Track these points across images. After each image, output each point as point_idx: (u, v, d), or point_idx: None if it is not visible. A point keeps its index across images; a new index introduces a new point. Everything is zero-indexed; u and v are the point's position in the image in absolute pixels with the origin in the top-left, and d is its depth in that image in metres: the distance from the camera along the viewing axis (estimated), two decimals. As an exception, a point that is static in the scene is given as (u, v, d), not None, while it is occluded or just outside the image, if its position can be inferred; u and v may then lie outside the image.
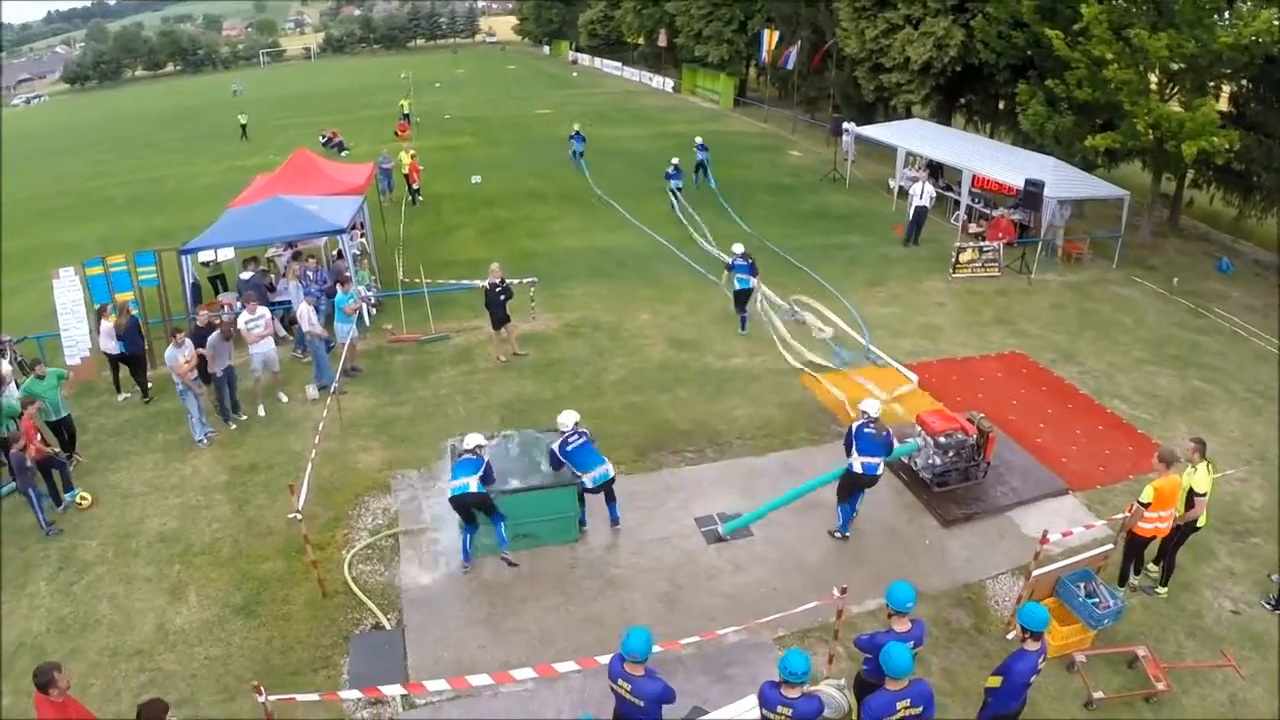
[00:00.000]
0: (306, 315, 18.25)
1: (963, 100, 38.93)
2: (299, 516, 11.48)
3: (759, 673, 9.61)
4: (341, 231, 20.88)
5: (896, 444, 12.97)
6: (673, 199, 31.82)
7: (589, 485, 12.35)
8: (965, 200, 28.25)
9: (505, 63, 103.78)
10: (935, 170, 31.00)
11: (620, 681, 7.92)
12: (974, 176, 27.53)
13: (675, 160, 32.79)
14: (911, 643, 8.10)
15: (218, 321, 17.23)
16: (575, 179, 37.25)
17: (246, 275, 21.27)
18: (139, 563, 12.80)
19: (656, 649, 8.50)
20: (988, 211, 27.90)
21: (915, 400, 16.88)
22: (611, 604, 11.68)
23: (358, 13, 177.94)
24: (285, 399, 17.95)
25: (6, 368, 16.81)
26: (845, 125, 37.04)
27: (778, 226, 29.23)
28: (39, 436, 14.21)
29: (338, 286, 19.23)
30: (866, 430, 12.10)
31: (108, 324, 18.33)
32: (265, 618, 11.50)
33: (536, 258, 26.58)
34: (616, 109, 59.19)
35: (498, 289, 18.74)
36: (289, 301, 20.53)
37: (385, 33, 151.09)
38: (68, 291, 19.94)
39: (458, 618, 11.42)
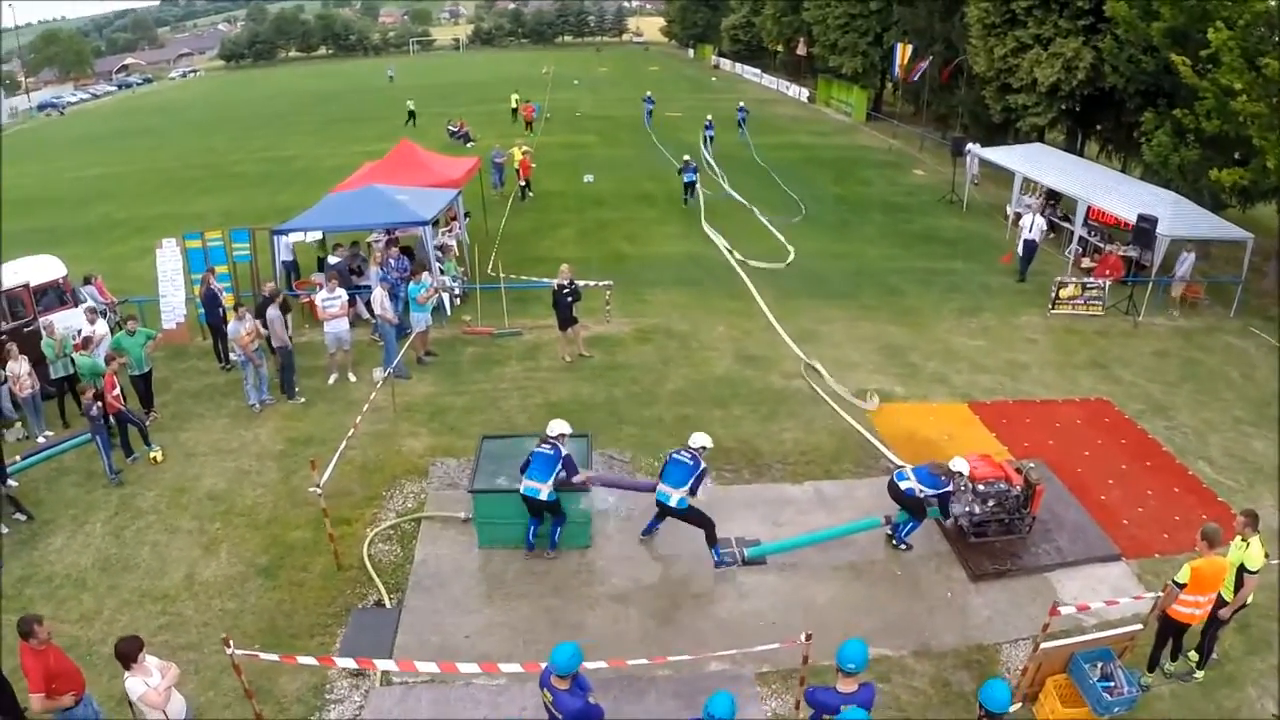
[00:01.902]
0: (379, 300, 18.74)
1: (1098, 127, 36.97)
2: (319, 491, 11.92)
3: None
4: (425, 224, 21.12)
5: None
6: (686, 194, 34.16)
7: (521, 491, 12.01)
8: (1079, 232, 26.74)
9: (648, 63, 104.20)
10: (1054, 199, 29.57)
11: (545, 691, 8.04)
12: (1089, 208, 26.05)
13: (687, 157, 35.24)
14: (855, 705, 7.60)
15: (274, 294, 18.27)
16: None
17: (335, 259, 22.08)
18: (185, 516, 13.78)
19: (639, 661, 9.09)
20: (1102, 246, 26.41)
21: (970, 436, 16.06)
22: (605, 615, 11.55)
23: (512, 6, 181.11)
24: (354, 378, 18.65)
25: (102, 328, 17.83)
26: (969, 146, 35.70)
27: (880, 246, 28.41)
28: (117, 391, 15.35)
29: (413, 276, 19.61)
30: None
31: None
32: (282, 581, 12.17)
33: (628, 260, 26.51)
34: (748, 117, 58.30)
35: (565, 290, 18.66)
36: (370, 286, 20.93)
37: (534, 27, 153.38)
38: (169, 261, 21.56)
39: (455, 605, 11.67)
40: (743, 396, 17.66)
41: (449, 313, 22.29)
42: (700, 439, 12.39)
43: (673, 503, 11.95)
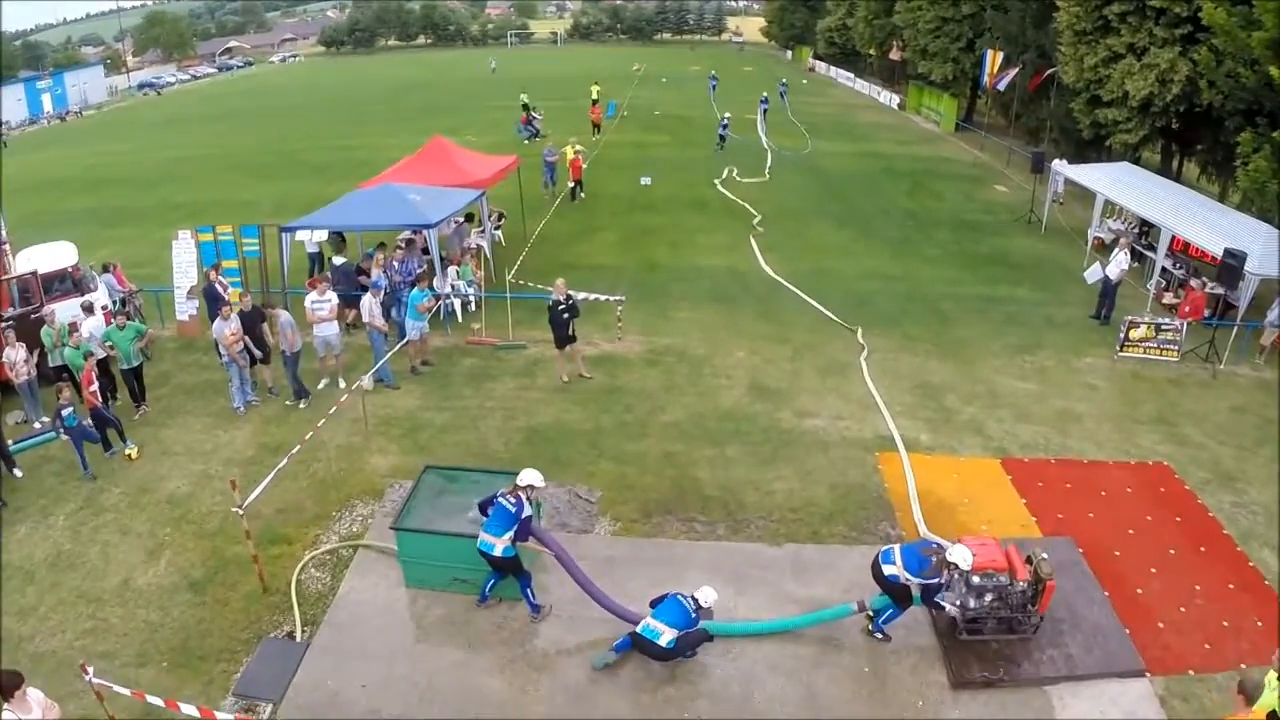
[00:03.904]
0: (368, 306, 17.98)
1: (1199, 147, 33.97)
2: (240, 513, 11.45)
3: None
4: (430, 226, 19.96)
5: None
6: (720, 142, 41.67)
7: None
8: (1161, 262, 24.12)
9: (742, 64, 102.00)
10: (1146, 228, 26.96)
11: None
12: (1172, 237, 23.46)
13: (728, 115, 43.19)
14: None
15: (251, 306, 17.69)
16: (749, 191, 35.03)
17: (340, 260, 21.19)
18: (141, 518, 13.74)
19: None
20: (1187, 280, 23.82)
21: (995, 500, 14.01)
22: (513, 679, 10.52)
23: (618, 1, 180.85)
24: (343, 384, 17.90)
25: (94, 323, 17.52)
26: (1054, 163, 33.11)
27: (939, 267, 26.22)
28: (94, 387, 15.50)
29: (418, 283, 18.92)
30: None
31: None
32: (208, 598, 11.90)
33: (662, 271, 25.07)
34: (830, 121, 56.38)
35: (561, 307, 17.27)
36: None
37: (632, 24, 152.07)
38: (184, 253, 21.52)
39: (363, 649, 10.95)
40: (743, 435, 15.94)
41: (460, 319, 21.09)
42: (529, 477, 10.92)
43: (497, 553, 10.67)
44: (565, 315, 17.25)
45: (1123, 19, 30.92)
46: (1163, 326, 20.25)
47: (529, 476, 10.96)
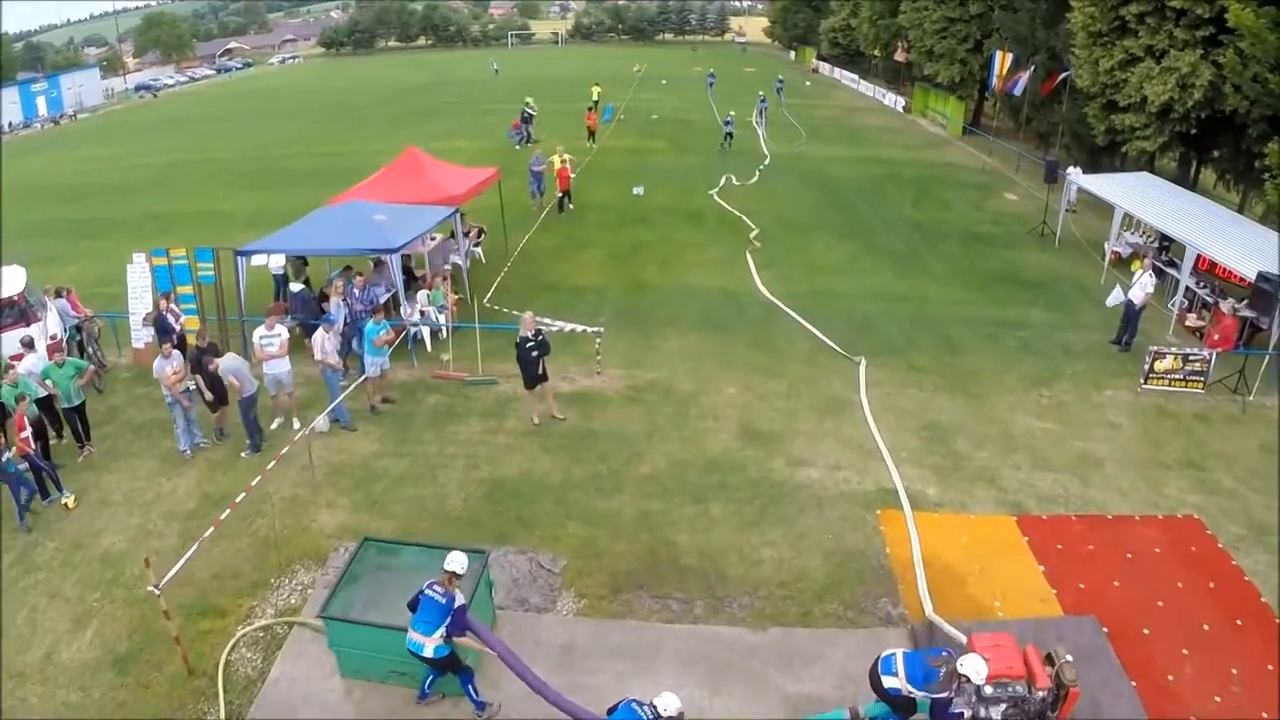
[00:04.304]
0: (319, 343, 16.53)
1: (1216, 154, 32.34)
2: (157, 592, 10.35)
3: None
4: (391, 252, 18.44)
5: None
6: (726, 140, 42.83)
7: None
8: (1185, 282, 22.56)
9: (744, 64, 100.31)
10: (1166, 243, 25.39)
11: None
12: (1198, 256, 21.89)
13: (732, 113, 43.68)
14: None
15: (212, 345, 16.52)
16: (747, 201, 33.43)
17: (297, 287, 19.79)
18: (72, 579, 12.68)
19: None
20: (1211, 300, 22.28)
21: (1010, 569, 12.48)
22: None
23: (621, 1, 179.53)
24: (298, 425, 16.55)
25: (30, 361, 16.32)
26: (1068, 170, 31.58)
27: (948, 286, 24.70)
28: (27, 433, 14.23)
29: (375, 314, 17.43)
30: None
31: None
32: (131, 679, 10.86)
33: (650, 292, 23.58)
34: (833, 125, 54.91)
35: (529, 344, 15.77)
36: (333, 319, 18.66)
37: (634, 24, 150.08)
38: (138, 277, 20.24)
39: None
40: (730, 489, 14.44)
41: (429, 348, 19.63)
42: (454, 562, 9.52)
43: (428, 653, 9.38)
44: (534, 353, 15.81)
45: (1141, 20, 29.31)
46: (1190, 357, 18.69)
47: (456, 562, 9.54)
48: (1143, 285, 20.61)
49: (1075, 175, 29.65)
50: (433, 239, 23.60)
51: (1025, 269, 26.78)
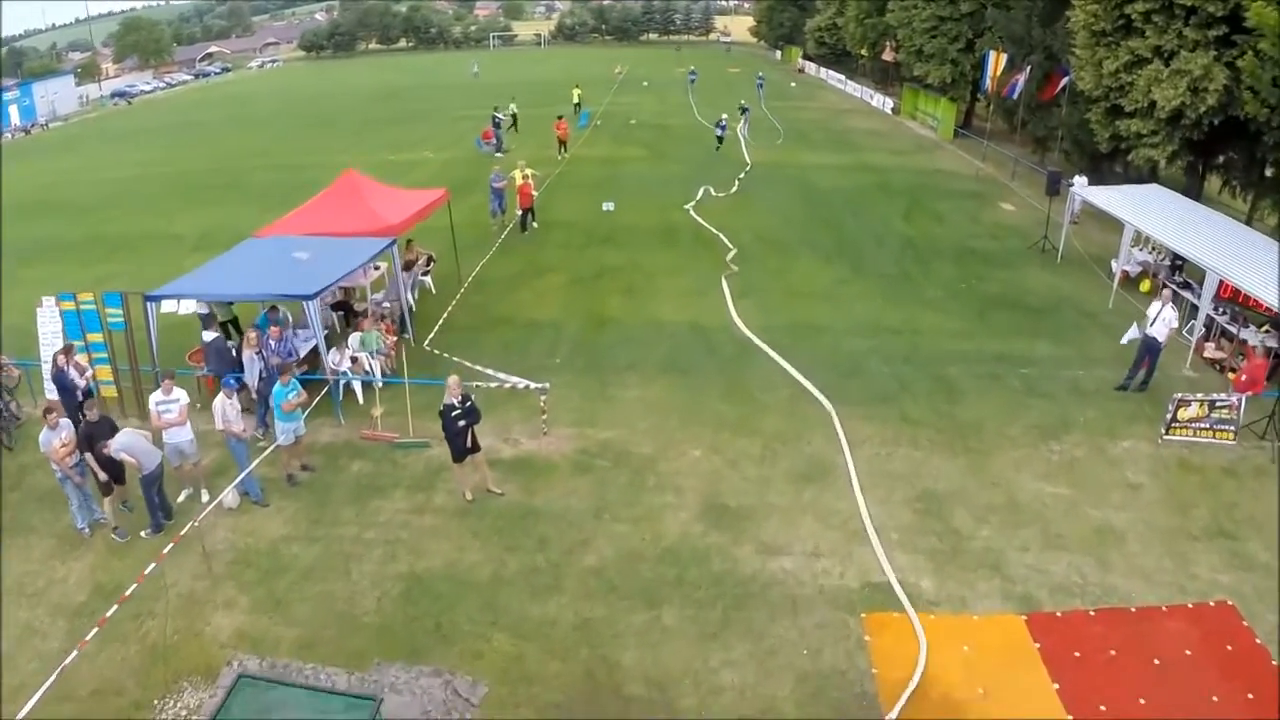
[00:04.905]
0: (219, 410, 14.24)
1: (1220, 159, 30.12)
2: None
3: None
4: (307, 298, 16.10)
5: None
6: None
7: None
8: (1205, 309, 20.31)
9: (728, 64, 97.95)
10: (1178, 262, 23.25)
11: None
12: (1220, 282, 19.70)
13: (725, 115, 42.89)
14: None
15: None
16: (726, 216, 31.11)
17: (210, 335, 17.45)
18: None
19: None
20: (1234, 329, 20.12)
21: (1019, 688, 10.36)
22: None
23: (605, 2, 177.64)
24: (207, 497, 14.46)
25: None
26: (1072, 181, 29.47)
27: (945, 314, 22.46)
28: None
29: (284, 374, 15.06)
30: None
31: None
32: None
33: (612, 328, 21.36)
34: (819, 128, 52.61)
35: (456, 413, 13.52)
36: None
37: (617, 24, 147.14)
38: (48, 323, 18.07)
39: None
40: (688, 587, 12.17)
41: (360, 400, 17.34)
42: None
43: None
44: (461, 422, 13.57)
45: (1147, 18, 27.10)
46: (1218, 404, 16.48)
47: None
48: (1166, 320, 18.30)
49: (1080, 188, 27.45)
50: (376, 268, 21.37)
51: (1027, 291, 24.56)
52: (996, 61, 39.49)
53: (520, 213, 28.98)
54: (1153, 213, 23.72)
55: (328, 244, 18.57)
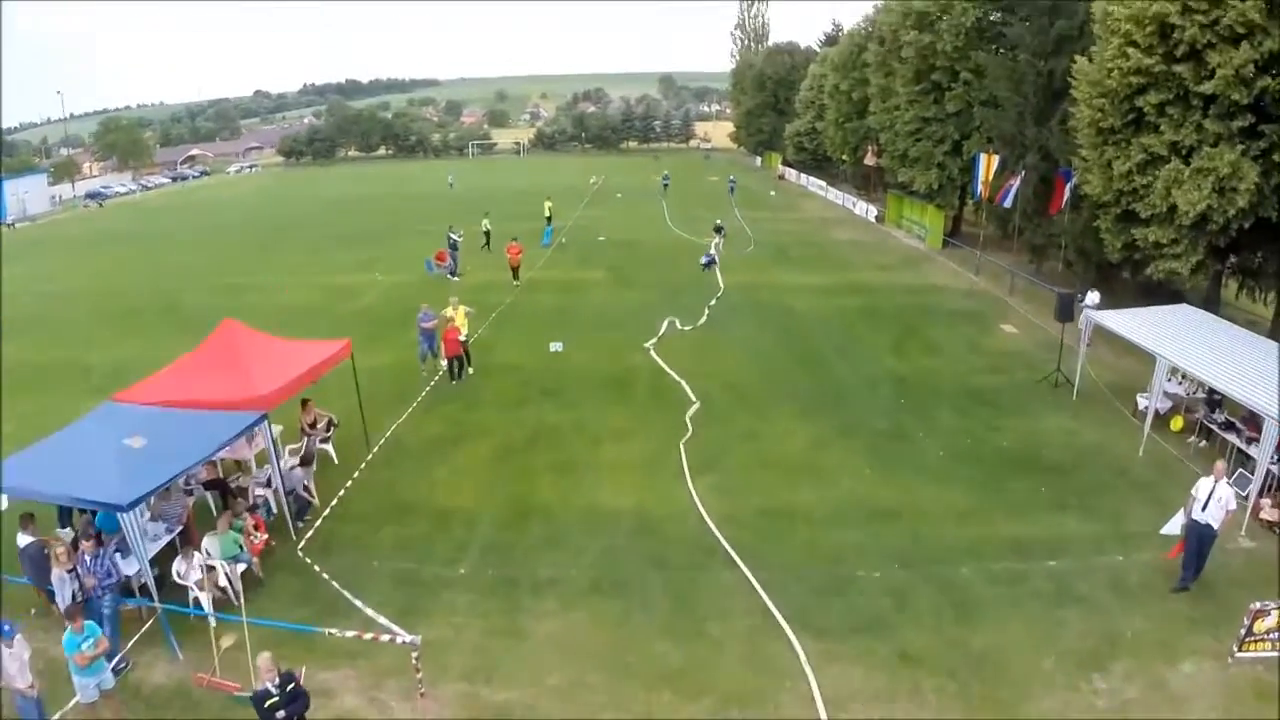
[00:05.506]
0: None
1: (1233, 257, 26.42)
2: None
3: None
4: (119, 509, 12.27)
5: None
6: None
7: None
8: (1264, 463, 16.51)
9: (707, 172, 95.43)
10: (1215, 397, 19.60)
11: None
12: (1281, 433, 15.97)
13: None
14: None
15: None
16: (690, 356, 27.29)
17: (25, 540, 13.50)
18: None
19: None
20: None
21: None
22: None
23: (592, 109, 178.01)
24: None
25: None
26: (1085, 299, 25.85)
27: (947, 487, 18.40)
28: None
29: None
30: None
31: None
32: None
33: (536, 521, 17.39)
34: (800, 242, 49.04)
35: (270, 702, 9.49)
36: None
37: (596, 133, 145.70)
38: None
39: None
40: None
41: (213, 622, 13.16)
42: None
43: None
44: (280, 714, 9.47)
45: (1161, 111, 23.81)
46: (1302, 607, 12.58)
47: None
48: (1222, 502, 14.55)
49: (1092, 306, 23.71)
50: (261, 431, 17.47)
51: (1043, 443, 20.67)
52: (988, 164, 36.72)
53: (447, 361, 24.94)
54: (1187, 340, 20.20)
55: (180, 421, 15.03)
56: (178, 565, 14.10)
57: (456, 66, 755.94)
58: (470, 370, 25.55)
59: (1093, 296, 25.89)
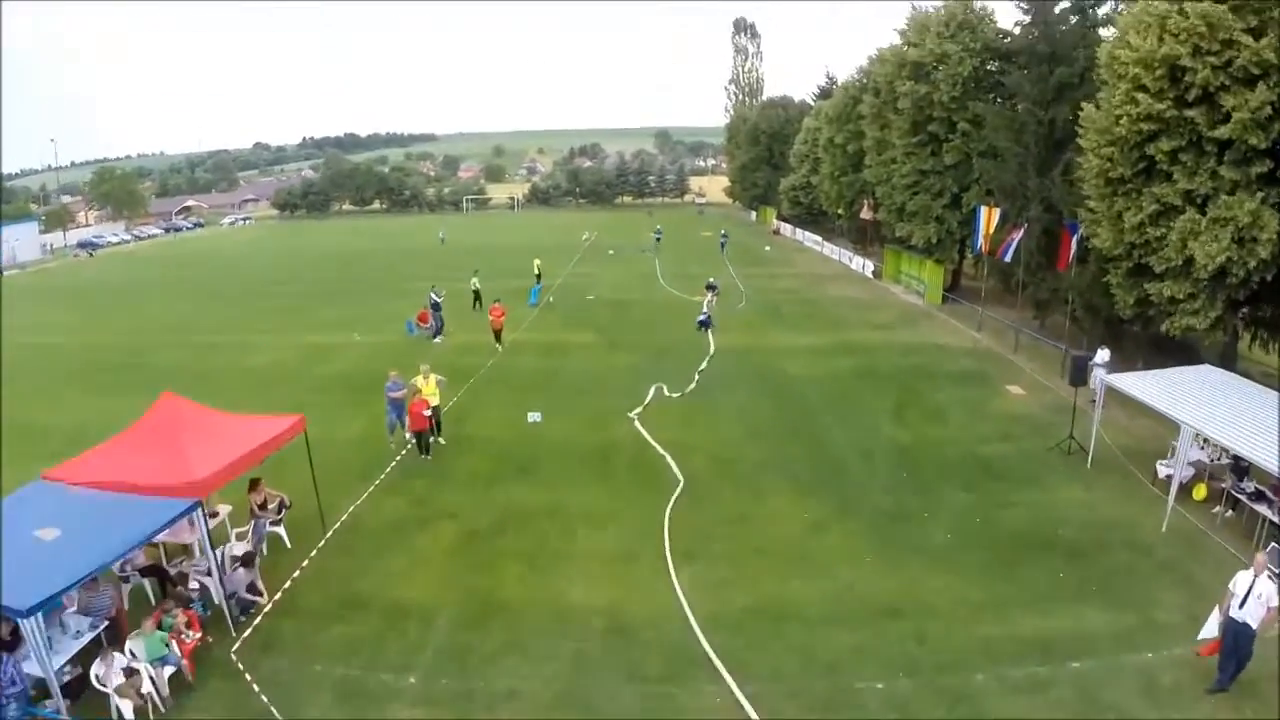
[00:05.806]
0: None
1: (1244, 311, 24.91)
2: None
3: None
4: (20, 615, 11.08)
5: None
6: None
7: None
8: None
9: (700, 227, 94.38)
10: (1241, 466, 18.29)
11: None
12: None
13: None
14: None
15: None
16: (677, 427, 25.56)
17: None
18: None
19: None
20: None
21: None
22: None
23: (588, 164, 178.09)
24: None
25: None
26: (1096, 359, 24.19)
27: (957, 576, 16.68)
28: None
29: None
30: None
31: None
32: None
33: (498, 622, 15.57)
34: (794, 300, 47.68)
35: None
36: None
37: (591, 188, 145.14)
38: None
39: None
40: None
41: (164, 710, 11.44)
42: None
43: None
44: None
45: (1174, 159, 22.48)
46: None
47: None
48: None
49: (1103, 367, 22.15)
50: (214, 514, 15.78)
51: (1060, 519, 19.03)
52: (989, 218, 35.33)
53: (413, 436, 23.19)
54: (1210, 403, 18.84)
55: (106, 507, 13.74)
56: (96, 668, 12.63)
57: (455, 121, 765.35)
58: (441, 440, 23.86)
59: (1103, 354, 24.42)
